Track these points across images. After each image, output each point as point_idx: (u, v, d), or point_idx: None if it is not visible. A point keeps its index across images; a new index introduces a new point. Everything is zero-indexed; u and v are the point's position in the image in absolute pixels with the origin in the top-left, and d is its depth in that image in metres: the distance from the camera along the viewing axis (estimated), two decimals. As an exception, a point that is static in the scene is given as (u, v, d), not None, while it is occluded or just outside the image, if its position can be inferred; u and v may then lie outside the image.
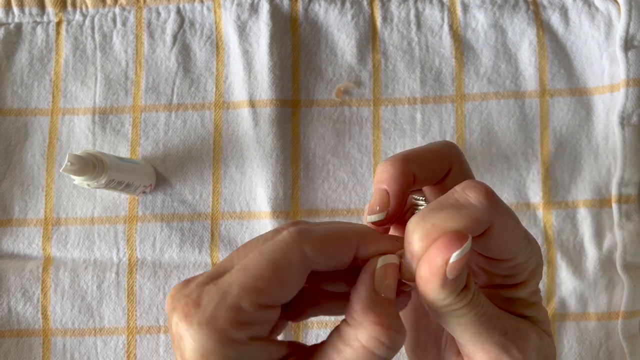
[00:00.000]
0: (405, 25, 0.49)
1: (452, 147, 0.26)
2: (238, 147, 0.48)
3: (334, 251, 0.22)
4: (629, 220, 0.46)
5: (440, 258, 0.20)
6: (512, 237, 0.22)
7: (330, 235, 0.22)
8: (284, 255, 0.21)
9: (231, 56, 0.49)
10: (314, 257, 0.21)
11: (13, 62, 0.49)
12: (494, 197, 0.21)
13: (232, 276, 0.21)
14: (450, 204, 0.21)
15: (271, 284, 0.20)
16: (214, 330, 0.20)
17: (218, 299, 0.20)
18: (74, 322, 0.47)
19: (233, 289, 0.20)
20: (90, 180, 0.40)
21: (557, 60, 0.48)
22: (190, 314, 0.20)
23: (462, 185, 0.22)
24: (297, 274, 0.21)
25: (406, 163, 0.24)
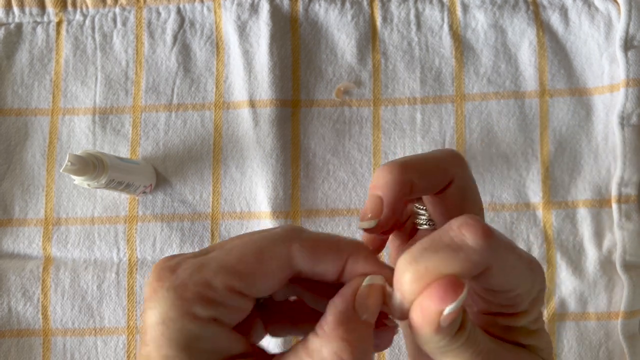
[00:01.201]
0: (405, 25, 0.49)
1: (455, 157, 0.25)
2: (238, 147, 0.48)
3: (321, 256, 0.21)
4: (629, 220, 0.46)
5: (434, 308, 0.19)
6: (512, 273, 0.21)
7: (321, 240, 0.21)
8: (271, 246, 0.21)
9: (231, 56, 0.49)
10: (300, 257, 0.21)
11: (13, 62, 0.49)
12: (492, 237, 0.19)
13: (215, 253, 0.21)
14: (445, 245, 0.19)
15: (249, 270, 0.20)
16: (179, 299, 0.19)
17: (192, 270, 0.20)
18: (74, 322, 0.47)
19: (210, 265, 0.20)
20: (90, 180, 0.40)
21: (557, 61, 0.48)
22: (163, 278, 0.20)
23: (459, 223, 0.20)
24: (279, 269, 0.21)
25: (405, 170, 0.23)
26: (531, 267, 0.21)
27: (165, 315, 0.19)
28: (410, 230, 0.29)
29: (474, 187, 0.26)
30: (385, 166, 0.24)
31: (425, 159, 0.24)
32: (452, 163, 0.25)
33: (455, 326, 0.20)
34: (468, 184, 0.25)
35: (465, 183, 0.25)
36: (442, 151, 0.26)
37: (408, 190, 0.23)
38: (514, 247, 0.21)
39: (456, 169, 0.25)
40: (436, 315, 0.19)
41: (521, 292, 0.21)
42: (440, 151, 0.26)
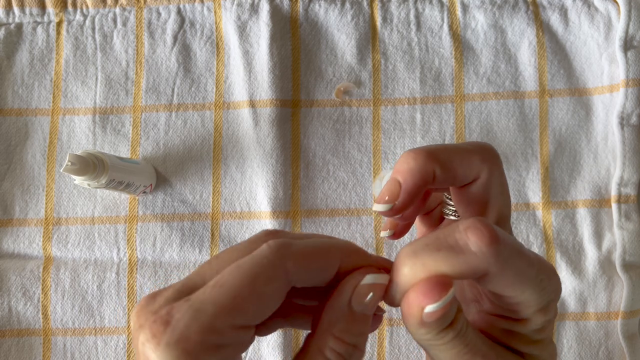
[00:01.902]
0: (405, 25, 0.49)
1: (487, 152, 0.24)
2: (238, 147, 0.48)
3: (316, 267, 0.20)
4: (629, 220, 0.46)
5: (417, 304, 0.19)
6: (514, 281, 0.20)
7: (313, 251, 0.20)
8: (264, 271, 0.19)
9: (231, 56, 0.49)
10: (296, 274, 0.20)
11: (14, 62, 0.49)
12: (497, 244, 0.19)
13: (206, 293, 0.19)
14: (448, 245, 0.19)
15: (249, 303, 0.19)
16: (184, 352, 0.18)
17: (189, 318, 0.18)
18: (74, 321, 0.47)
19: (207, 308, 0.18)
20: (90, 180, 0.40)
21: (557, 61, 0.48)
22: (159, 333, 0.18)
23: (466, 225, 0.19)
24: (278, 292, 0.20)
25: (429, 159, 0.23)
26: (541, 276, 0.21)
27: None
28: (439, 218, 0.29)
29: (501, 187, 0.25)
30: (410, 152, 0.23)
31: (453, 151, 0.24)
32: (482, 158, 0.24)
33: (442, 323, 0.20)
34: (495, 182, 0.24)
35: (492, 181, 0.24)
36: (474, 145, 0.24)
37: (429, 180, 0.23)
38: (524, 255, 0.20)
39: (484, 164, 0.24)
40: (418, 311, 0.19)
41: (523, 300, 0.21)
42: (473, 144, 0.24)
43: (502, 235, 0.19)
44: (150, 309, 0.19)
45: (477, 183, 0.24)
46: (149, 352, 0.18)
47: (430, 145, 0.24)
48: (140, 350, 0.18)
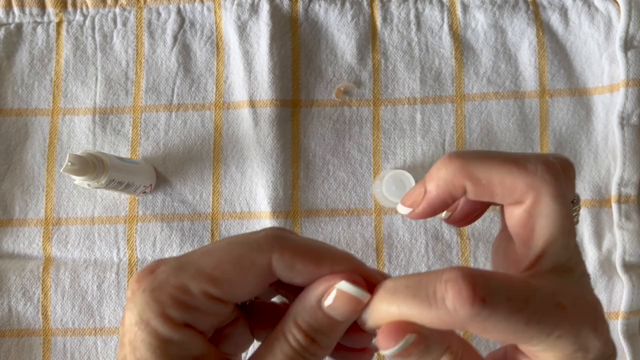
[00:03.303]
0: (405, 25, 0.49)
1: (542, 173, 0.20)
2: (238, 147, 0.48)
3: (300, 267, 0.21)
4: (629, 220, 0.46)
5: (381, 345, 0.19)
6: (506, 339, 0.19)
7: (304, 250, 0.21)
8: (250, 253, 0.20)
9: (231, 56, 0.49)
10: (279, 267, 0.20)
11: (13, 62, 0.49)
12: (476, 306, 0.18)
13: (194, 256, 0.20)
14: (425, 294, 0.18)
15: (226, 277, 0.20)
16: (155, 300, 0.19)
17: (170, 273, 0.20)
18: (74, 322, 0.47)
19: (188, 268, 0.20)
20: (90, 180, 0.40)
21: (557, 61, 0.48)
22: (141, 279, 0.20)
23: (448, 277, 0.18)
24: (257, 277, 0.20)
25: (461, 172, 0.21)
26: (544, 336, 0.19)
27: (139, 317, 0.19)
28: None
29: (554, 220, 0.20)
30: (446, 157, 0.21)
31: (497, 165, 0.21)
32: (530, 182, 0.20)
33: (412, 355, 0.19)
34: (542, 213, 0.20)
35: (538, 211, 0.21)
36: (536, 159, 0.21)
37: (457, 194, 0.22)
38: (518, 315, 0.18)
39: (531, 190, 0.20)
40: (382, 348, 0.19)
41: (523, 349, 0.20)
42: (536, 158, 0.21)
43: (491, 293, 0.18)
44: (149, 264, 0.21)
45: (521, 208, 0.21)
46: (130, 293, 0.20)
47: (472, 153, 0.21)
48: (127, 293, 0.20)
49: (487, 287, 0.18)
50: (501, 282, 0.18)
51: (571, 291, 0.20)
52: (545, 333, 0.18)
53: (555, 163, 0.21)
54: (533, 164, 0.20)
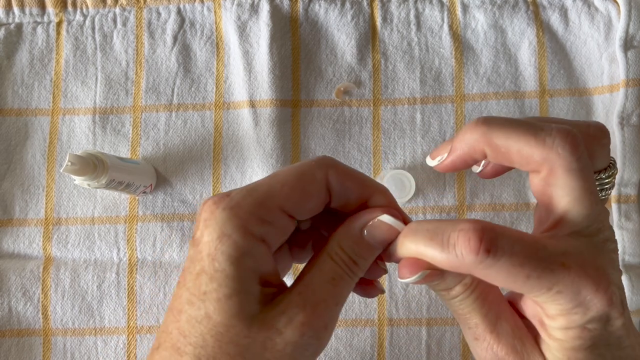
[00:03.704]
0: (405, 25, 0.49)
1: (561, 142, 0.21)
2: (238, 147, 0.48)
3: (350, 184, 0.24)
4: (629, 220, 0.46)
5: (401, 274, 0.23)
6: (509, 286, 0.21)
7: (352, 173, 0.25)
8: (310, 170, 0.24)
9: (231, 56, 0.49)
10: (334, 182, 0.24)
11: (13, 62, 0.49)
12: (481, 254, 0.20)
13: (263, 180, 0.23)
14: (440, 240, 0.21)
15: (295, 192, 0.23)
16: (236, 216, 0.22)
17: (245, 193, 0.23)
18: (74, 321, 0.47)
19: (261, 188, 0.23)
20: (90, 180, 0.40)
21: (557, 61, 0.48)
22: (219, 201, 0.22)
23: (461, 226, 0.21)
24: (318, 191, 0.24)
25: (482, 138, 0.23)
26: (543, 291, 0.21)
27: (221, 232, 0.22)
28: None
29: (572, 190, 0.22)
30: (474, 123, 0.23)
31: (516, 134, 0.22)
32: (545, 152, 0.22)
33: (434, 285, 0.24)
34: (559, 183, 0.22)
35: (554, 181, 0.22)
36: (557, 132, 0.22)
37: (478, 157, 0.24)
38: (521, 268, 0.20)
39: (546, 162, 0.22)
40: (401, 277, 0.23)
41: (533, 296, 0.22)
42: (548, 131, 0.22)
43: (496, 246, 0.20)
44: (218, 193, 0.24)
45: (539, 177, 0.23)
46: (208, 214, 0.22)
47: (497, 120, 0.23)
48: (200, 218, 0.23)
49: (494, 240, 0.20)
50: (509, 238, 0.21)
51: (582, 253, 0.21)
52: (545, 287, 0.21)
53: (576, 135, 0.22)
54: (551, 137, 0.22)
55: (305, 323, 0.22)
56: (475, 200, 0.47)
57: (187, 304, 0.22)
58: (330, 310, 0.23)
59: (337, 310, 0.23)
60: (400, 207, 0.25)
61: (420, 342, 0.46)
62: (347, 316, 0.46)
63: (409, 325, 0.46)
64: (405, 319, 0.46)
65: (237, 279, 0.22)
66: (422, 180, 0.47)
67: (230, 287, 0.22)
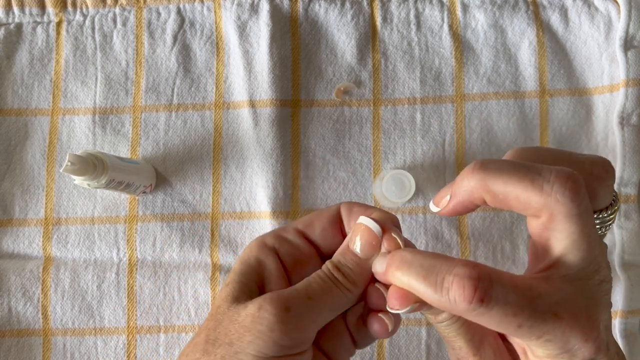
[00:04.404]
0: (405, 25, 0.49)
1: (560, 188, 0.21)
2: (238, 147, 0.48)
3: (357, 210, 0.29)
4: (628, 219, 0.46)
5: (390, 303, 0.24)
6: (501, 327, 0.21)
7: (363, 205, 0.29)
8: (328, 207, 0.30)
9: (231, 56, 0.49)
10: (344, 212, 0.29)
11: (13, 62, 0.49)
12: (475, 303, 0.20)
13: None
14: (434, 281, 0.21)
15: (310, 217, 0.30)
16: (260, 238, 0.29)
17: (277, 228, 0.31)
18: (74, 321, 0.47)
19: (292, 222, 0.31)
20: (90, 180, 0.40)
21: (557, 61, 0.48)
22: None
23: (457, 272, 0.20)
24: (330, 218, 0.29)
25: (480, 185, 0.22)
26: (534, 337, 0.21)
27: (249, 245, 0.30)
28: None
29: (571, 236, 0.21)
30: (471, 169, 0.23)
31: (515, 179, 0.22)
32: (543, 199, 0.21)
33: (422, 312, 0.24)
34: (558, 228, 0.21)
35: (554, 226, 0.21)
36: (555, 174, 0.21)
37: (478, 203, 0.24)
38: (513, 318, 0.20)
39: (545, 208, 0.21)
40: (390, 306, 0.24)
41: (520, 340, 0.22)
42: (553, 176, 0.21)
43: (490, 296, 0.20)
44: None
45: (538, 221, 0.22)
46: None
47: (494, 165, 0.22)
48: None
49: (488, 289, 0.20)
50: (504, 286, 0.20)
51: (575, 300, 0.21)
52: (536, 335, 0.20)
53: (576, 179, 0.21)
54: (550, 183, 0.21)
55: (267, 298, 0.25)
56: (475, 200, 0.47)
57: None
58: (299, 297, 0.25)
59: (310, 304, 0.25)
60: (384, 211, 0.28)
61: (420, 342, 0.46)
62: (347, 316, 0.46)
63: (409, 325, 0.46)
64: (405, 319, 0.46)
65: (239, 273, 0.27)
66: (422, 180, 0.47)
67: (232, 279, 0.27)
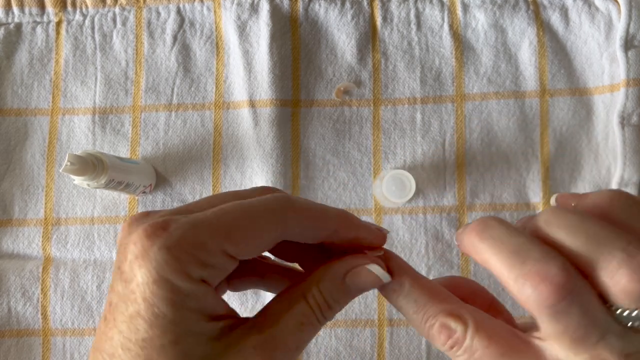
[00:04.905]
0: (405, 25, 0.49)
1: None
2: (238, 147, 0.48)
3: (312, 225, 0.23)
4: (629, 220, 0.46)
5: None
6: None
7: (312, 209, 0.23)
8: (266, 214, 0.21)
9: (231, 56, 0.49)
10: (293, 226, 0.22)
11: (13, 62, 0.49)
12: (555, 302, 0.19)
13: (207, 215, 0.20)
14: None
15: (244, 236, 0.21)
16: (174, 258, 0.19)
17: (186, 229, 0.20)
18: (73, 322, 0.47)
19: (204, 227, 0.20)
20: (90, 180, 0.40)
21: (557, 60, 0.48)
22: (155, 235, 0.19)
23: (545, 272, 0.19)
24: (271, 236, 0.22)
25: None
26: None
27: (157, 275, 0.19)
28: None
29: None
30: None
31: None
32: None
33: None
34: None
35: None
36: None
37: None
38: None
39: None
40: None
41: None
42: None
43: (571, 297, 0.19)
44: (147, 219, 0.21)
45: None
46: (140, 250, 0.19)
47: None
48: (128, 250, 0.20)
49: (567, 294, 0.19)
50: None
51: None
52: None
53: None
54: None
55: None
56: (476, 200, 0.47)
57: (121, 349, 0.20)
58: (290, 355, 0.22)
59: (296, 354, 0.22)
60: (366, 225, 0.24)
61: (420, 343, 0.46)
62: (347, 316, 0.46)
63: (409, 326, 0.46)
64: (405, 319, 0.46)
65: (181, 323, 0.20)
66: (422, 180, 0.47)
67: (175, 333, 0.20)
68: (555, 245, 0.20)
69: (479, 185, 0.47)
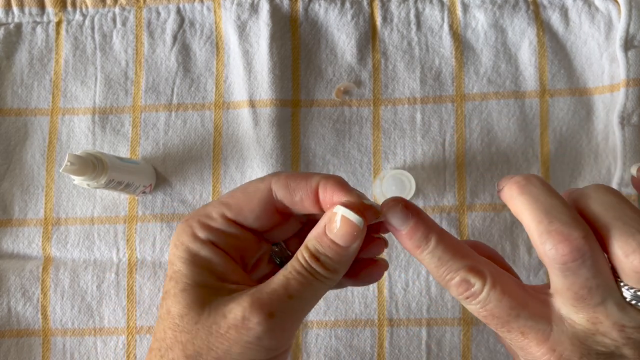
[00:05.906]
0: (405, 25, 0.49)
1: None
2: (238, 147, 0.48)
3: (294, 186, 0.26)
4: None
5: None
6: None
7: (295, 175, 0.26)
8: (254, 183, 0.26)
9: (231, 56, 0.49)
10: (277, 189, 0.26)
11: (13, 62, 0.49)
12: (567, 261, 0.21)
13: (219, 197, 0.27)
14: (543, 230, 0.22)
15: (237, 201, 0.26)
16: (186, 225, 0.26)
17: (198, 209, 0.27)
18: (73, 322, 0.47)
19: (210, 203, 0.27)
20: (90, 180, 0.40)
21: (557, 60, 0.48)
22: (183, 218, 0.27)
23: (566, 234, 0.21)
24: (261, 200, 0.26)
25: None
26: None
27: (177, 240, 0.26)
28: None
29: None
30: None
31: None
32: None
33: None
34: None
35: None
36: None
37: None
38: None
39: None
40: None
41: None
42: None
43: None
44: None
45: None
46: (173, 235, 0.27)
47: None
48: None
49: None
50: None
51: None
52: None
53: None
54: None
55: (247, 307, 0.23)
56: (476, 200, 0.47)
57: (159, 308, 0.24)
58: (280, 299, 0.24)
59: (292, 303, 0.24)
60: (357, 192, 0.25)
61: (420, 343, 0.46)
62: (347, 316, 0.46)
63: (409, 326, 0.46)
64: (405, 320, 0.46)
65: (190, 275, 0.25)
66: (422, 180, 0.47)
67: (184, 282, 0.25)
68: (588, 217, 0.22)
69: (479, 185, 0.47)
